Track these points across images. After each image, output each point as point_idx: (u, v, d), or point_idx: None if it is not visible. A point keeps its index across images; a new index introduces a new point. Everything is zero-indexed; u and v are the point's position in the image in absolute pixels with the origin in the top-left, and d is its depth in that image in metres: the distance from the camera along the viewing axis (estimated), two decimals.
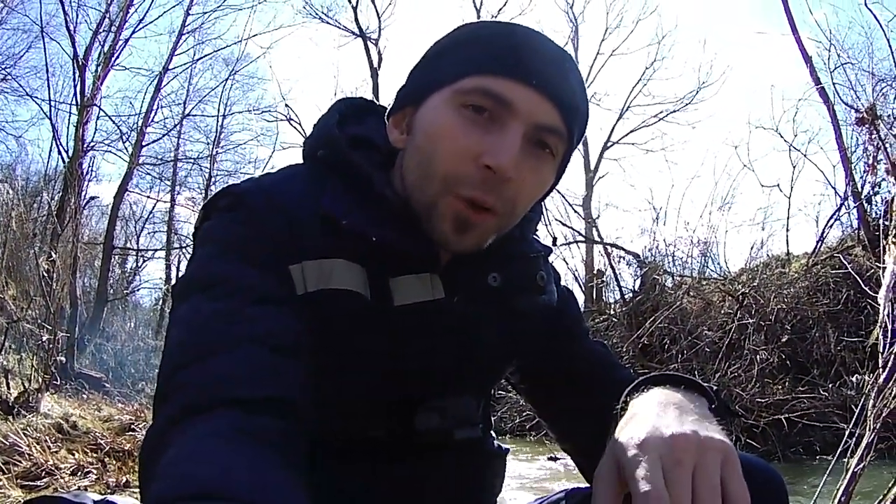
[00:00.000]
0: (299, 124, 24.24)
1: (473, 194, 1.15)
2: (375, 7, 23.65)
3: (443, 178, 1.16)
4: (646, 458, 0.92)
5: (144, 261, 30.18)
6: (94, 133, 20.18)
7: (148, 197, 27.45)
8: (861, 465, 3.46)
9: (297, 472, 0.90)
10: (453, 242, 1.19)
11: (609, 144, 23.37)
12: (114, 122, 21.54)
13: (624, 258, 12.98)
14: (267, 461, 0.86)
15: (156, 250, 29.51)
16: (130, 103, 26.03)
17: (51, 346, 8.90)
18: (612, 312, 12.66)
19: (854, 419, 3.77)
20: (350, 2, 23.26)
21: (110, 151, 22.08)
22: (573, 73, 1.23)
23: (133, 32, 21.19)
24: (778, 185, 12.98)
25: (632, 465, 0.93)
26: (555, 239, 1.48)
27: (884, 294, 4.08)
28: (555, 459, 8.23)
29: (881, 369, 3.77)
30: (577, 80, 1.24)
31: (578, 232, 14.16)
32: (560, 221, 13.28)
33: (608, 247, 12.96)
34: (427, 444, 1.26)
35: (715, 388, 1.20)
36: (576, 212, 14.77)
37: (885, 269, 4.26)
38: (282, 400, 0.96)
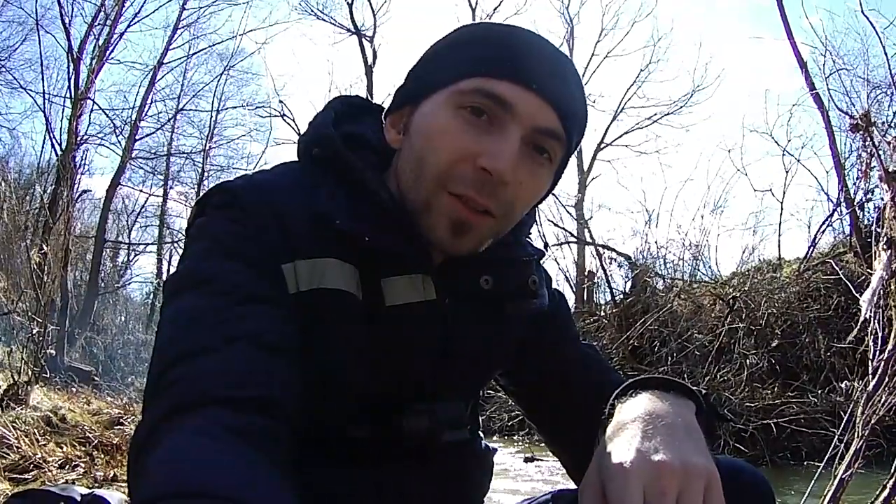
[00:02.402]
0: (293, 120, 24.34)
1: (467, 192, 1.15)
2: (371, 4, 23.75)
3: (436, 177, 1.16)
4: (630, 488, 0.93)
5: (136, 255, 30.35)
6: (88, 126, 20.30)
7: (140, 191, 27.54)
8: (849, 472, 3.47)
9: (285, 471, 0.90)
10: (450, 245, 1.19)
11: (603, 146, 23.50)
12: (107, 116, 21.64)
13: (615, 260, 13.00)
14: (255, 460, 0.86)
15: (147, 244, 29.61)
16: (124, 97, 26.07)
17: (41, 338, 8.87)
18: (602, 314, 12.66)
19: (843, 425, 3.78)
20: None
21: (103, 145, 22.21)
22: (573, 78, 1.23)
23: (128, 26, 21.32)
24: (770, 190, 13.01)
25: (616, 493, 0.94)
26: (546, 244, 1.47)
27: (867, 298, 4.09)
28: (532, 460, 8.22)
29: (871, 376, 3.78)
30: (577, 86, 1.24)
31: (570, 233, 14.15)
32: (552, 222, 13.28)
33: (600, 248, 12.97)
34: (415, 446, 1.26)
35: (704, 391, 1.20)
36: (568, 213, 14.77)
37: (874, 275, 4.27)
38: (271, 399, 0.96)
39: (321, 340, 1.15)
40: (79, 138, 19.03)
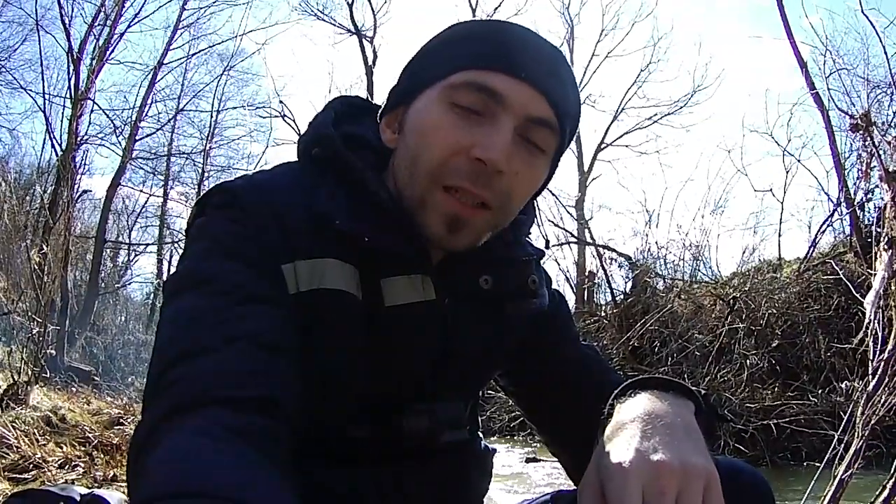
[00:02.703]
0: (293, 121, 24.34)
1: (462, 184, 1.15)
2: (371, 5, 23.71)
3: (430, 171, 1.16)
4: (629, 488, 0.93)
5: (136, 255, 30.35)
6: (88, 126, 20.25)
7: (141, 191, 27.51)
8: (849, 473, 3.47)
9: (285, 471, 0.90)
10: (446, 241, 1.19)
11: (603, 146, 23.47)
12: (108, 116, 21.59)
13: (616, 260, 13.02)
14: (255, 460, 0.86)
15: (148, 245, 29.59)
16: (125, 97, 26.05)
17: (41, 338, 8.86)
18: (602, 314, 12.67)
19: (843, 426, 3.78)
20: None
21: (104, 145, 22.16)
22: (564, 68, 1.23)
23: (128, 27, 21.28)
24: (771, 190, 13.02)
25: (615, 492, 0.94)
26: (547, 242, 1.47)
27: (871, 300, 4.09)
28: (534, 461, 8.22)
29: (870, 376, 3.77)
30: (569, 76, 1.24)
31: (571, 233, 14.17)
32: (552, 222, 13.30)
33: (600, 248, 12.99)
34: (415, 446, 1.26)
35: (703, 392, 1.20)
36: (569, 213, 14.79)
37: (875, 275, 4.26)
38: (270, 399, 0.95)
39: (321, 340, 1.14)
40: (79, 138, 19.00)
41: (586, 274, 14.55)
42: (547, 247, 1.46)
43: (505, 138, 1.14)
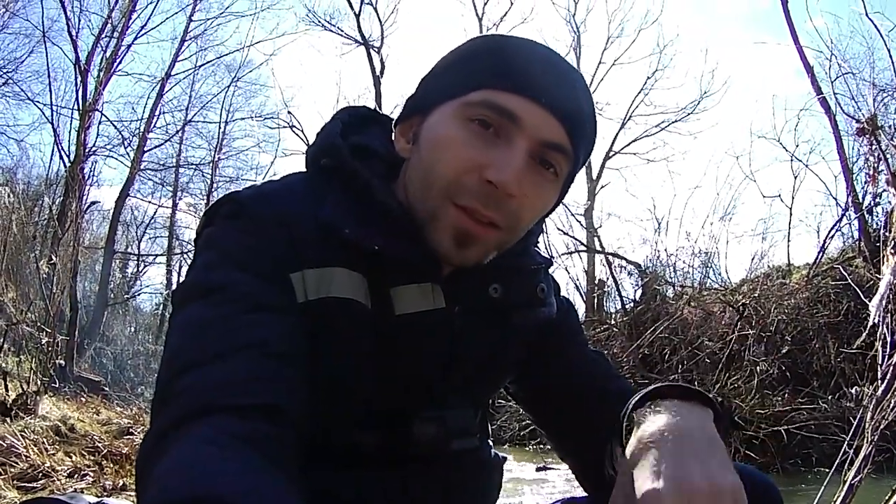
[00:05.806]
0: (301, 131, 24.34)
1: (472, 205, 1.14)
2: (378, 15, 23.71)
3: (442, 187, 1.16)
4: None
5: (145, 266, 30.36)
6: (96, 138, 20.26)
7: (149, 202, 27.59)
8: (859, 478, 3.46)
9: (290, 476, 0.90)
10: (455, 256, 1.19)
11: (611, 154, 23.40)
12: (116, 128, 21.59)
13: (625, 268, 13.02)
14: (260, 466, 0.86)
15: (157, 255, 29.65)
16: (132, 109, 25.95)
17: (50, 348, 8.91)
18: (612, 322, 12.66)
19: (852, 431, 3.76)
20: (353, 9, 23.31)
21: (112, 156, 22.14)
22: (582, 92, 1.23)
23: (135, 38, 21.32)
24: (779, 196, 13.00)
25: None
26: (552, 257, 1.46)
27: (876, 303, 4.08)
28: (545, 469, 8.21)
29: (880, 381, 3.76)
30: (587, 101, 1.23)
31: (580, 241, 14.18)
32: (562, 231, 13.30)
33: (609, 256, 12.99)
34: (423, 453, 1.26)
35: (719, 399, 1.20)
36: (578, 221, 14.79)
37: (882, 279, 4.25)
38: (278, 407, 0.96)
39: (328, 346, 1.15)
40: (87, 150, 19.05)
41: (596, 282, 14.55)
42: (551, 258, 1.46)
43: (518, 161, 1.14)
